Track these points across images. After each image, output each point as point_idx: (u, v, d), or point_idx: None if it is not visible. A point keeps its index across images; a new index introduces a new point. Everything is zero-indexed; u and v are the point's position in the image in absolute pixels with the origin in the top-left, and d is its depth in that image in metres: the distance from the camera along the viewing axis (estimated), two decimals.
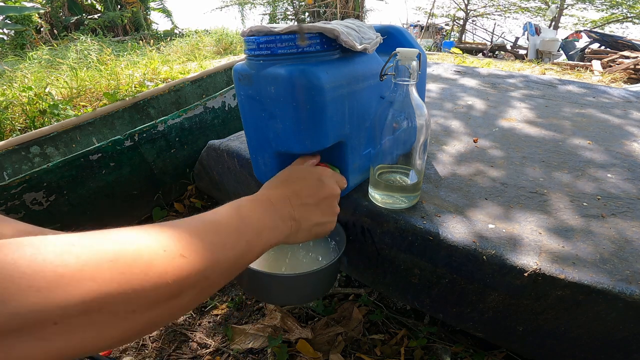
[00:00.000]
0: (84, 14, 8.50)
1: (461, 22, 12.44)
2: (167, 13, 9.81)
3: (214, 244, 0.30)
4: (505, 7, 12.92)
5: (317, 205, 0.47)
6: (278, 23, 3.00)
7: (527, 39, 7.60)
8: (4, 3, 6.89)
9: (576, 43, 7.41)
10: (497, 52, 8.37)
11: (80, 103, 2.46)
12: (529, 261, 0.52)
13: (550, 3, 11.61)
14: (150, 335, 0.89)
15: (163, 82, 2.89)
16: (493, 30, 12.57)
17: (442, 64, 1.80)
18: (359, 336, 0.83)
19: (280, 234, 0.41)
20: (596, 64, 4.65)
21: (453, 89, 1.37)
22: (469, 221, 0.61)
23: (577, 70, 4.38)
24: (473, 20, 13.15)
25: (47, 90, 2.23)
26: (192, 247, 0.27)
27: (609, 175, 0.74)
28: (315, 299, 0.89)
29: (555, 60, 5.90)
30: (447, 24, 13.51)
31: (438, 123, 1.03)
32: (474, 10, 12.73)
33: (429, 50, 6.86)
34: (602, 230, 0.58)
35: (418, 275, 0.64)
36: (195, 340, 0.87)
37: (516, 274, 0.52)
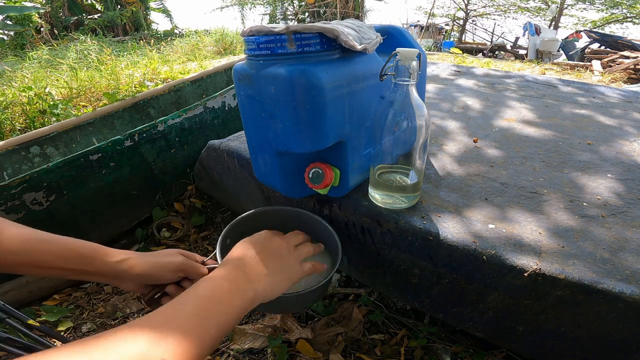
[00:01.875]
0: (84, 14, 8.50)
1: (461, 22, 12.43)
2: (167, 13, 9.81)
3: (194, 338, 0.35)
4: (505, 7, 12.92)
5: (274, 273, 0.50)
6: (278, 23, 3.00)
7: (527, 39, 7.60)
8: (4, 3, 6.88)
9: (576, 43, 7.41)
10: (497, 52, 8.37)
11: (80, 103, 2.46)
12: (529, 261, 0.52)
13: (550, 3, 11.61)
14: None
15: (163, 82, 2.89)
16: (493, 30, 12.55)
17: (442, 64, 1.80)
18: (359, 336, 0.83)
19: (249, 303, 0.45)
20: (596, 64, 4.65)
21: (452, 89, 1.37)
22: (469, 221, 0.61)
23: (577, 70, 4.38)
24: (473, 20, 13.15)
25: (47, 90, 2.23)
26: (179, 349, 0.32)
27: (609, 175, 0.74)
28: (303, 310, 0.90)
29: (555, 60, 5.90)
30: (447, 24, 13.51)
31: (438, 123, 1.03)
32: (474, 10, 12.73)
33: (429, 50, 6.86)
34: (602, 230, 0.58)
35: (418, 275, 0.64)
36: None
37: (516, 274, 0.52)
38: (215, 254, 0.60)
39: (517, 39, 9.32)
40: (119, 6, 8.66)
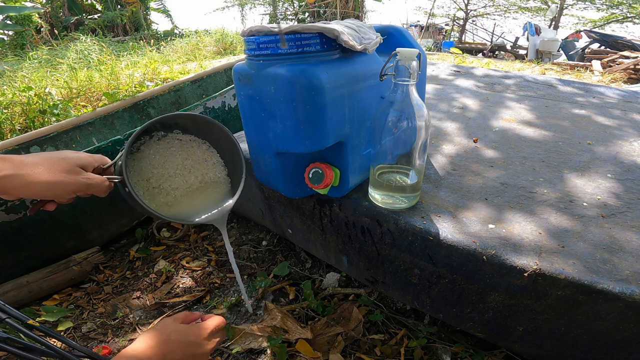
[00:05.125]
0: (84, 14, 8.49)
1: (461, 22, 12.44)
2: (166, 13, 9.81)
3: None
4: (505, 7, 12.91)
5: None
6: (278, 23, 2.98)
7: (527, 39, 7.59)
8: (4, 3, 6.88)
9: (576, 43, 7.40)
10: (497, 52, 8.37)
11: (80, 103, 2.46)
12: (529, 261, 0.52)
13: (550, 3, 11.61)
14: None
15: (163, 82, 2.89)
16: (493, 30, 12.53)
17: (442, 65, 1.80)
18: (359, 336, 0.83)
19: None
20: (596, 64, 4.65)
21: (452, 89, 1.37)
22: (469, 221, 0.61)
23: (577, 70, 4.38)
24: (473, 21, 13.14)
25: (47, 90, 2.23)
26: None
27: (608, 175, 0.74)
28: None
29: (555, 60, 5.90)
30: (447, 24, 13.51)
31: (438, 124, 1.03)
32: (474, 10, 12.73)
33: (429, 50, 6.86)
34: (602, 230, 0.58)
35: (418, 275, 0.64)
36: None
37: (516, 274, 0.52)
38: (120, 161, 0.54)
39: (517, 39, 9.31)
40: (119, 6, 8.66)
